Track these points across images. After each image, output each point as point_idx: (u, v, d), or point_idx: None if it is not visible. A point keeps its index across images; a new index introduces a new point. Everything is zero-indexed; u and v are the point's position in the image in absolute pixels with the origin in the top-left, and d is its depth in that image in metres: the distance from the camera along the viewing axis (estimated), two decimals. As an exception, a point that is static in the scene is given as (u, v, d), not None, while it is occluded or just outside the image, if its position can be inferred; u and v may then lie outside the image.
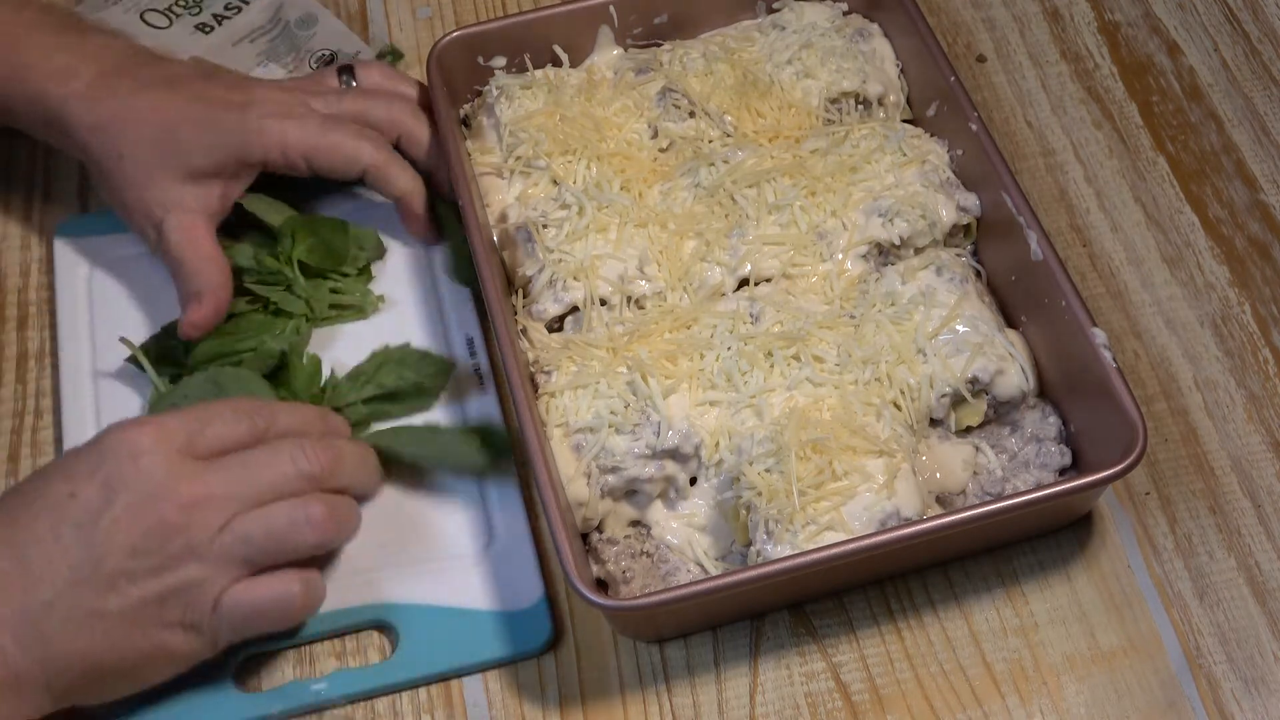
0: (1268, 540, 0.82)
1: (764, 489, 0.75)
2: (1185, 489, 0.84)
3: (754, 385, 0.79)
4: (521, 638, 0.78)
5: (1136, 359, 0.89)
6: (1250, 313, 0.91)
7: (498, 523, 0.82)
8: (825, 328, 0.81)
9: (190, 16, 1.04)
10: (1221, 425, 0.86)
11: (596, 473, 0.78)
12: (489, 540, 0.81)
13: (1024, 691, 0.77)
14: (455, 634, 0.78)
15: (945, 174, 0.88)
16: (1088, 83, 1.02)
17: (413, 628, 0.78)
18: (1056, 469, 0.81)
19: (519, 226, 0.87)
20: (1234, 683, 0.77)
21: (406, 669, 0.77)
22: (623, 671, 0.78)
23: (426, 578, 0.80)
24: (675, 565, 0.79)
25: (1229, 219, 0.95)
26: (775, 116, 0.92)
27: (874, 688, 0.77)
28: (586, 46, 0.97)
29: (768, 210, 0.86)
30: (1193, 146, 0.99)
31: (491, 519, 0.82)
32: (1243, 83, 1.01)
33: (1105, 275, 0.92)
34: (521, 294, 0.86)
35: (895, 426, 0.78)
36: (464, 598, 0.79)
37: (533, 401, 0.79)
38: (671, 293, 0.85)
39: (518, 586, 0.79)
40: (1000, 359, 0.80)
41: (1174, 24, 1.05)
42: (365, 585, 0.79)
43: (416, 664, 0.77)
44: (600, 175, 0.88)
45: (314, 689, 0.77)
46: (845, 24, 0.96)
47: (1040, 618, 0.79)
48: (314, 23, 1.04)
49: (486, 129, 0.93)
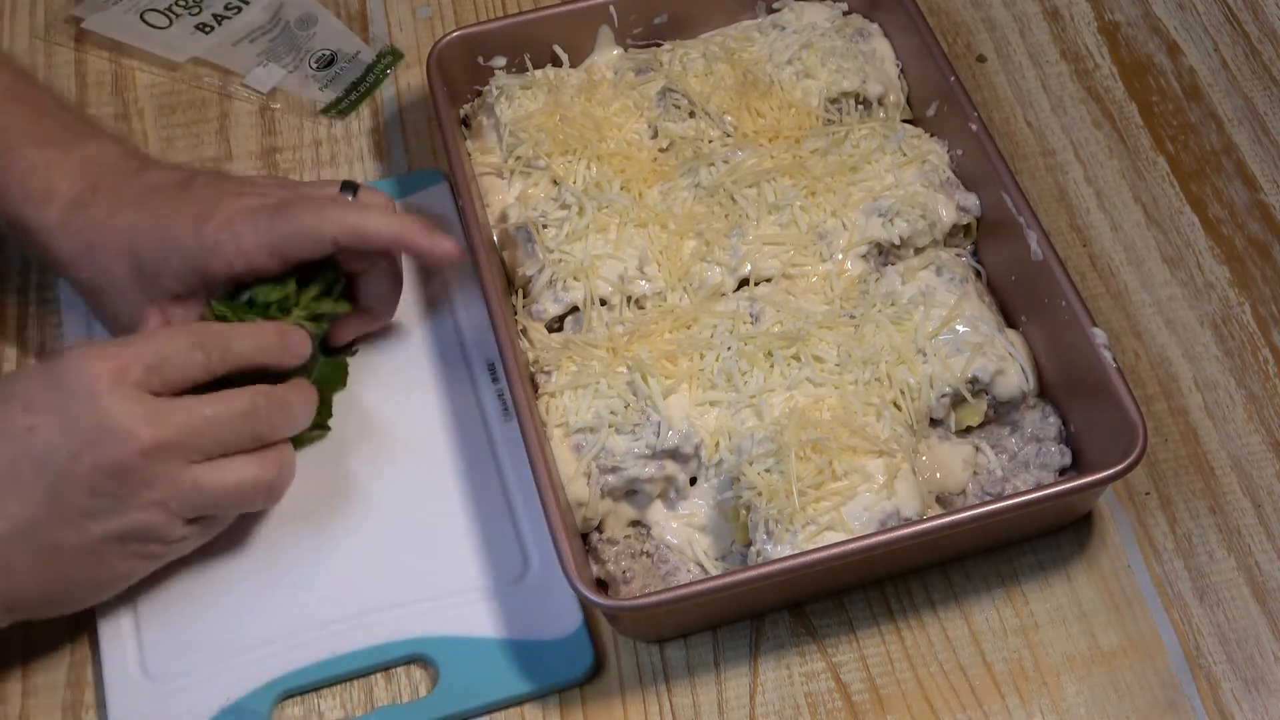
0: (1268, 540, 0.82)
1: (764, 489, 0.75)
2: (1185, 489, 0.84)
3: (754, 385, 0.79)
4: (562, 667, 0.77)
5: (1136, 359, 0.89)
6: (1250, 313, 0.91)
7: (531, 550, 0.80)
8: (825, 328, 0.81)
9: (190, 16, 1.04)
10: (1221, 425, 0.86)
11: (596, 473, 0.77)
12: (524, 568, 0.80)
13: (1024, 691, 0.77)
14: (496, 666, 0.77)
15: (945, 174, 0.88)
16: (1088, 83, 1.02)
17: (452, 661, 0.77)
18: (1056, 469, 0.81)
19: (519, 226, 0.87)
20: (1234, 683, 0.77)
21: (448, 703, 0.76)
22: (623, 671, 0.78)
23: (464, 609, 0.78)
24: (675, 565, 0.79)
25: (1229, 219, 0.95)
26: (775, 116, 0.92)
27: (874, 688, 0.77)
28: (586, 46, 0.97)
29: (768, 210, 0.86)
30: (1193, 146, 0.99)
31: (525, 546, 0.81)
32: (1243, 83, 1.01)
33: (1105, 275, 0.92)
34: (521, 294, 0.86)
35: (895, 426, 0.78)
36: (502, 629, 0.78)
37: (533, 401, 0.79)
38: (671, 293, 0.85)
39: (556, 614, 0.78)
40: (1000, 359, 0.80)
41: (1174, 24, 1.05)
42: (403, 619, 0.78)
43: (458, 698, 0.76)
44: (600, 175, 0.88)
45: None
46: (845, 24, 0.96)
47: (1040, 618, 0.79)
48: (314, 23, 1.04)
49: (486, 129, 0.93)
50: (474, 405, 0.86)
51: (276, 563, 0.80)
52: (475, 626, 0.78)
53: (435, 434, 0.85)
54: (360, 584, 0.79)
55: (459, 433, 0.85)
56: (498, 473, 0.83)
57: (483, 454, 0.84)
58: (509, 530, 0.81)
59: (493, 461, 0.84)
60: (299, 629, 0.78)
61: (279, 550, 0.81)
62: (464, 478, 0.83)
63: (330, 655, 0.77)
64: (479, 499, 0.82)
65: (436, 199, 0.95)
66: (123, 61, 1.03)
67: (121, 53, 1.03)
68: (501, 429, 0.85)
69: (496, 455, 0.84)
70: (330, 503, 0.82)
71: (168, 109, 1.01)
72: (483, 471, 0.83)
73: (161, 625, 0.78)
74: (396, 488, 0.83)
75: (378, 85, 1.02)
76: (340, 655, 0.77)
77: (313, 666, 0.77)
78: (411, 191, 0.96)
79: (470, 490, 0.83)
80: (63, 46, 1.04)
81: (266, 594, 0.79)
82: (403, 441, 0.85)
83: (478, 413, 0.86)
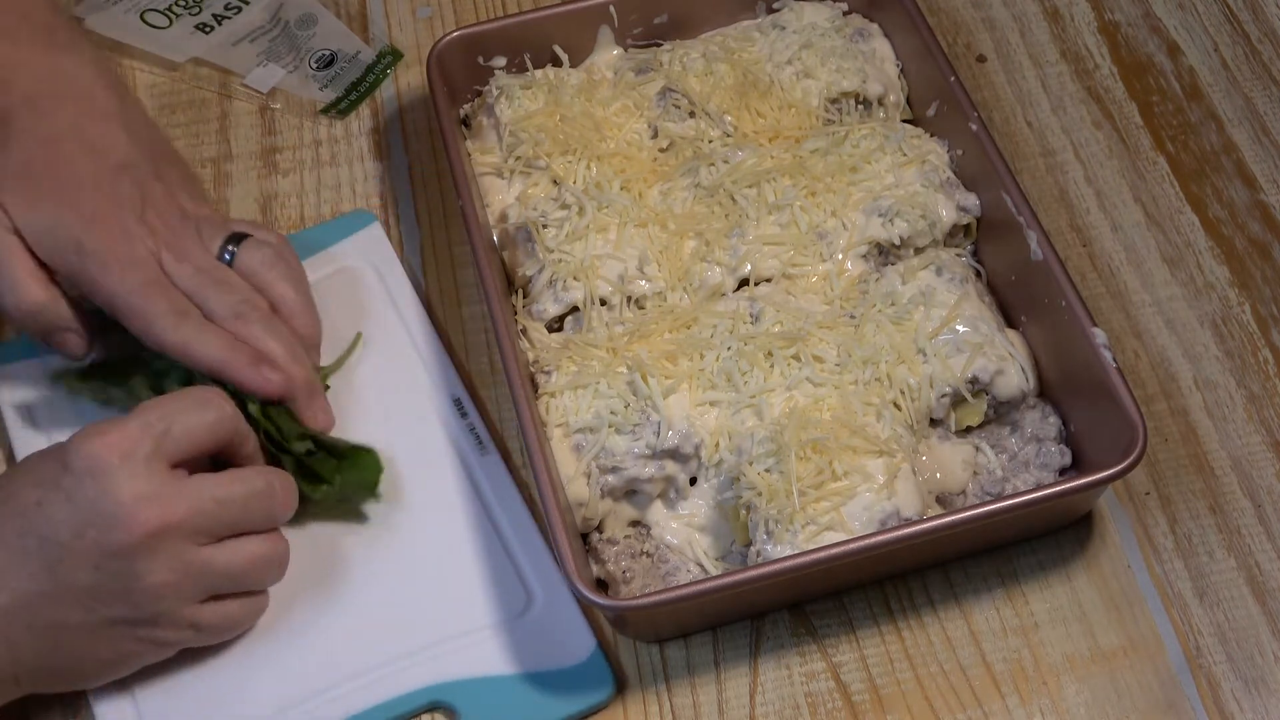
0: (1268, 540, 0.82)
1: (764, 489, 0.75)
2: (1185, 489, 0.84)
3: (754, 385, 0.79)
4: (583, 693, 0.76)
5: (1136, 359, 0.89)
6: (1250, 313, 0.91)
7: (532, 581, 0.79)
8: (825, 328, 0.81)
9: (190, 16, 1.04)
10: (1221, 425, 0.86)
11: (596, 473, 0.77)
12: (528, 600, 0.79)
13: (1024, 691, 0.77)
14: (515, 701, 0.76)
15: (945, 174, 0.88)
16: (1088, 83, 1.02)
17: (472, 702, 0.75)
18: (1056, 469, 0.81)
19: (519, 226, 0.87)
20: (1234, 683, 0.77)
21: None
22: (623, 671, 0.78)
23: (474, 650, 0.77)
24: (675, 565, 0.79)
25: (1229, 219, 0.95)
26: (775, 116, 0.92)
27: (874, 688, 0.77)
28: (586, 46, 0.97)
29: (768, 210, 0.86)
30: (1193, 146, 0.99)
31: (525, 578, 0.79)
32: (1243, 83, 1.01)
33: (1105, 275, 0.92)
34: (521, 294, 0.87)
35: (895, 426, 0.78)
36: (516, 663, 0.76)
37: (533, 401, 0.79)
38: (671, 293, 0.85)
39: (567, 642, 0.77)
40: (1000, 359, 0.80)
41: (1174, 24, 1.05)
42: (416, 668, 0.77)
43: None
44: (600, 175, 0.88)
45: None
46: (845, 24, 0.96)
47: (1040, 618, 0.79)
48: (314, 23, 1.04)
49: (486, 129, 0.93)
50: (448, 445, 0.84)
51: (277, 628, 0.78)
52: (489, 665, 0.77)
53: (414, 480, 0.83)
54: (366, 639, 0.78)
55: (439, 474, 0.83)
56: (484, 509, 0.82)
57: (466, 492, 0.83)
58: (506, 564, 0.80)
59: (477, 498, 0.82)
60: (310, 694, 0.76)
61: (278, 617, 0.78)
62: (451, 519, 0.82)
63: (346, 715, 0.75)
64: (470, 538, 0.81)
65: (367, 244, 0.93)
66: (123, 61, 1.03)
67: (121, 53, 1.03)
68: (480, 463, 0.84)
69: (480, 491, 0.83)
70: (323, 565, 0.80)
71: (168, 109, 1.01)
72: (469, 510, 0.82)
73: (163, 697, 0.76)
74: (386, 540, 0.81)
75: (378, 85, 1.02)
76: (357, 714, 0.75)
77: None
78: (343, 237, 0.93)
79: (460, 531, 0.81)
80: (63, 46, 1.04)
81: (273, 660, 0.77)
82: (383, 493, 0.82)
83: (453, 451, 0.84)
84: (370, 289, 0.91)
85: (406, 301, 0.90)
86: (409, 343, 0.88)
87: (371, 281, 0.91)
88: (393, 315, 0.90)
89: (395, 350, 0.88)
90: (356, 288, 0.91)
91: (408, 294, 0.90)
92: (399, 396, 0.86)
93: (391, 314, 0.90)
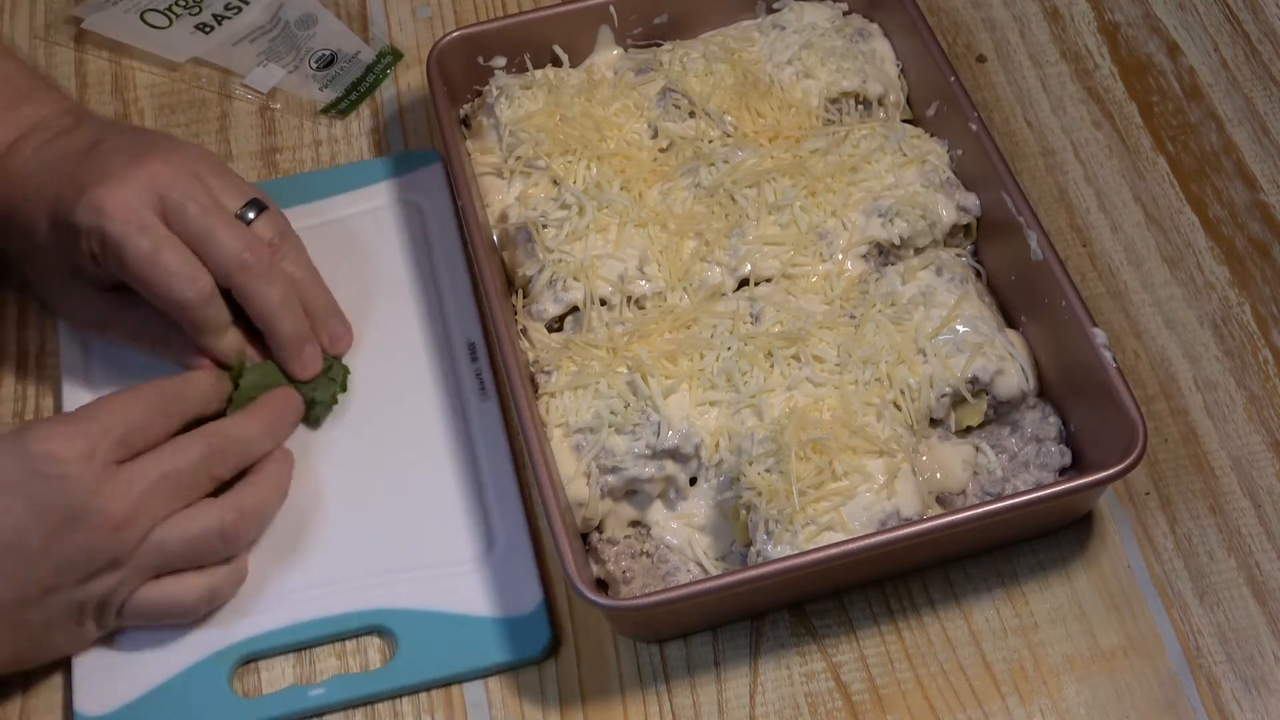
0: (1268, 540, 0.82)
1: (764, 489, 0.75)
2: (1185, 489, 0.84)
3: (754, 385, 0.79)
4: (520, 644, 0.78)
5: (1136, 359, 0.89)
6: (1250, 313, 0.91)
7: (497, 527, 0.81)
8: (825, 328, 0.81)
9: (190, 16, 1.04)
10: (1221, 425, 0.86)
11: (596, 473, 0.78)
12: (489, 545, 0.81)
13: (1024, 691, 0.77)
14: (454, 640, 0.78)
15: (945, 174, 0.88)
16: (1088, 83, 1.02)
17: (411, 633, 0.78)
18: (1056, 469, 0.81)
19: (519, 226, 0.87)
20: (1234, 683, 0.77)
21: (404, 675, 0.77)
22: (623, 671, 0.78)
23: (426, 583, 0.79)
24: (675, 565, 0.79)
25: (1229, 219, 0.95)
26: (775, 116, 0.92)
27: (874, 688, 0.77)
28: (586, 46, 0.97)
29: (768, 210, 0.86)
30: (1193, 146, 0.99)
31: (491, 523, 0.81)
32: (1243, 83, 1.01)
33: (1105, 275, 0.92)
34: (521, 294, 0.87)
35: (895, 426, 0.78)
36: (463, 603, 0.79)
37: (533, 401, 0.79)
38: (671, 293, 0.85)
39: (517, 592, 0.79)
40: (1000, 359, 0.80)
41: (1174, 24, 1.05)
42: (364, 591, 0.79)
43: (414, 670, 0.77)
44: (600, 175, 0.88)
45: (312, 694, 0.76)
46: (845, 24, 0.96)
47: (1040, 618, 0.79)
48: (314, 23, 1.04)
49: (486, 129, 0.93)
50: (452, 383, 0.87)
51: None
52: (437, 601, 0.79)
53: (410, 409, 0.86)
54: (325, 554, 0.80)
55: (435, 410, 0.86)
56: (471, 450, 0.84)
57: (457, 431, 0.85)
58: (477, 507, 0.82)
59: (467, 439, 0.84)
60: (260, 595, 0.79)
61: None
62: (437, 454, 0.84)
63: (291, 623, 0.78)
64: (450, 475, 0.83)
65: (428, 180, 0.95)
66: (123, 61, 1.03)
67: (121, 53, 1.03)
68: (478, 408, 0.85)
69: (470, 433, 0.85)
70: (300, 474, 0.82)
71: (168, 109, 1.01)
72: (456, 449, 0.84)
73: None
74: (367, 461, 0.84)
75: (378, 85, 1.02)
76: (300, 623, 0.78)
77: (272, 633, 0.78)
78: (406, 171, 0.96)
79: (442, 466, 0.83)
80: (63, 46, 1.04)
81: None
82: (376, 415, 0.85)
83: (455, 390, 0.86)
84: (413, 226, 0.93)
85: (448, 243, 0.92)
86: (433, 283, 0.91)
87: (417, 220, 0.94)
88: (425, 254, 0.92)
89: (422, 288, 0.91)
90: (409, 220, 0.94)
91: (450, 235, 0.93)
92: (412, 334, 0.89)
93: (424, 253, 0.92)
